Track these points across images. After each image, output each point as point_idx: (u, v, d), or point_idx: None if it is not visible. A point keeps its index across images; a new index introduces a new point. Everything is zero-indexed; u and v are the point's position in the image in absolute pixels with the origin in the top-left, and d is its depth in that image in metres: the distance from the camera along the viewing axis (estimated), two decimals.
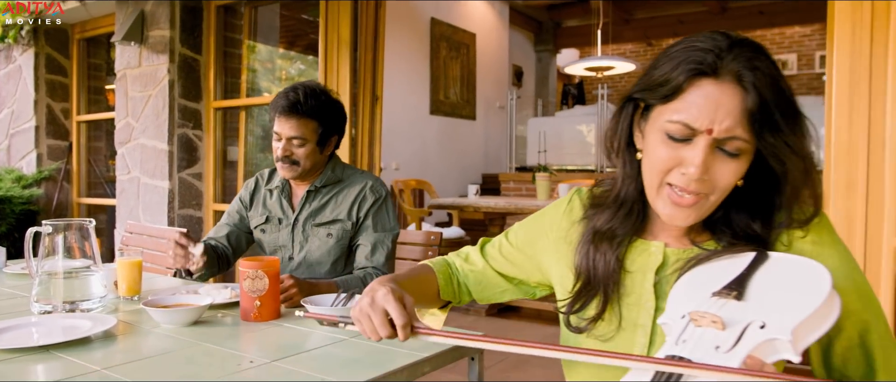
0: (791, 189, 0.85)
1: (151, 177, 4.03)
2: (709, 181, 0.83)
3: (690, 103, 0.81)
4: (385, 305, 0.88)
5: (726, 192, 0.86)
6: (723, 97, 0.80)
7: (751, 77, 0.79)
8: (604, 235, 0.94)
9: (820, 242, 0.86)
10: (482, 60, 7.84)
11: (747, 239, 0.87)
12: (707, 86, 0.81)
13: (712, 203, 0.86)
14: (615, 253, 0.93)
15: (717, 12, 8.74)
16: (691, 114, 0.81)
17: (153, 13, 3.95)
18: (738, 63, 0.80)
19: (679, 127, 0.82)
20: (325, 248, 1.89)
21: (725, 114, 0.80)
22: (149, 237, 2.65)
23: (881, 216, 1.87)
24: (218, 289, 1.69)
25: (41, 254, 1.50)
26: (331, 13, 3.26)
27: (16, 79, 4.94)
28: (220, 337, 1.33)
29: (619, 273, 0.93)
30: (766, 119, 0.79)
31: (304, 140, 1.83)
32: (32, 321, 1.39)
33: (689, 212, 0.85)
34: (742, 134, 0.80)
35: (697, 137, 0.82)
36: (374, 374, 1.11)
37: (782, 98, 0.81)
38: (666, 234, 0.94)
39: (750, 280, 0.78)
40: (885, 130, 1.85)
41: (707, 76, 0.81)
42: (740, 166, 0.83)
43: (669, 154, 0.84)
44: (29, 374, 1.09)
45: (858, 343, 0.85)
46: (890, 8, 1.83)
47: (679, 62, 0.82)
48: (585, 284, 0.95)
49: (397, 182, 5.41)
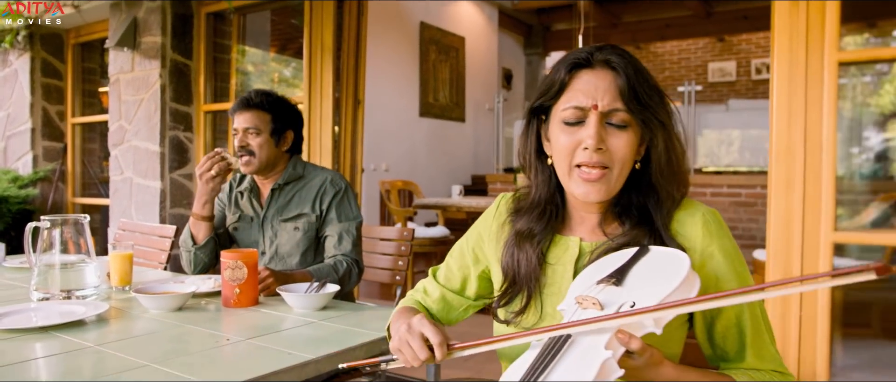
0: (659, 165, 1.00)
1: (144, 177, 4.16)
2: (607, 152, 0.98)
3: (576, 90, 0.99)
4: (421, 330, 0.96)
5: (625, 166, 0.99)
6: (599, 80, 0.98)
7: (618, 61, 0.98)
8: (524, 236, 1.07)
9: (710, 235, 0.99)
10: (472, 63, 7.98)
11: (647, 223, 1.01)
12: (585, 74, 0.99)
13: (616, 176, 0.99)
14: (536, 251, 1.05)
15: (702, 16, 8.90)
16: (578, 98, 0.98)
17: (146, 20, 4.08)
18: (605, 54, 0.99)
19: (571, 111, 0.99)
20: (293, 241, 2.03)
21: (604, 91, 0.97)
22: (141, 234, 2.78)
23: (818, 213, 2.01)
24: (202, 280, 1.84)
25: (40, 248, 1.63)
26: (314, 20, 3.40)
27: (12, 83, 5.06)
28: (203, 320, 1.47)
29: (541, 269, 1.05)
30: (634, 93, 0.97)
31: (257, 130, 2.02)
32: (32, 307, 1.53)
33: (599, 186, 0.99)
34: (621, 106, 0.97)
35: (588, 117, 0.98)
36: (337, 348, 1.26)
37: (643, 78, 0.99)
38: (581, 230, 1.07)
39: (630, 269, 0.91)
40: (821, 133, 2.00)
41: (584, 67, 1.00)
42: (630, 137, 0.98)
43: (570, 138, 0.99)
44: (29, 351, 1.23)
45: (735, 323, 0.98)
46: (824, 20, 1.99)
47: (560, 65, 1.01)
48: (512, 282, 1.08)
49: (384, 182, 5.55)
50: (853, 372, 2.09)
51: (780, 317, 2.08)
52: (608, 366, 0.76)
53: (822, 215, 2.00)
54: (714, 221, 1.01)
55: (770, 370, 0.98)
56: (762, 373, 0.97)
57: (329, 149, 3.32)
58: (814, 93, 1.99)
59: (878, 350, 2.31)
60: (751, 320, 0.98)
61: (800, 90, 2.01)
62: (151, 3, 4.02)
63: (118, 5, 4.23)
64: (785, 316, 2.07)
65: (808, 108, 2.00)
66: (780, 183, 2.06)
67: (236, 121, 2.05)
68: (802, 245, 2.03)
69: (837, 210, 1.98)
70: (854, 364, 2.12)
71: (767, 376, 0.97)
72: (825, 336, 2.01)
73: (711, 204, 5.43)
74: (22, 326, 1.36)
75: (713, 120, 6.48)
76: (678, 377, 0.88)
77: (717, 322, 0.99)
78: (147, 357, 1.17)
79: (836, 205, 1.97)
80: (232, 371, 1.11)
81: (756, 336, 0.98)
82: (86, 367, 1.13)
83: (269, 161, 2.05)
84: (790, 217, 2.04)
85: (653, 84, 1.01)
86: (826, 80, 1.96)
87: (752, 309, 0.99)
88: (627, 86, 0.97)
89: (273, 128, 2.04)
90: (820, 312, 2.02)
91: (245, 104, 2.04)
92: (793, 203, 2.04)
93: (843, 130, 2.07)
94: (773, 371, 0.98)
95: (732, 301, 0.78)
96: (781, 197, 2.06)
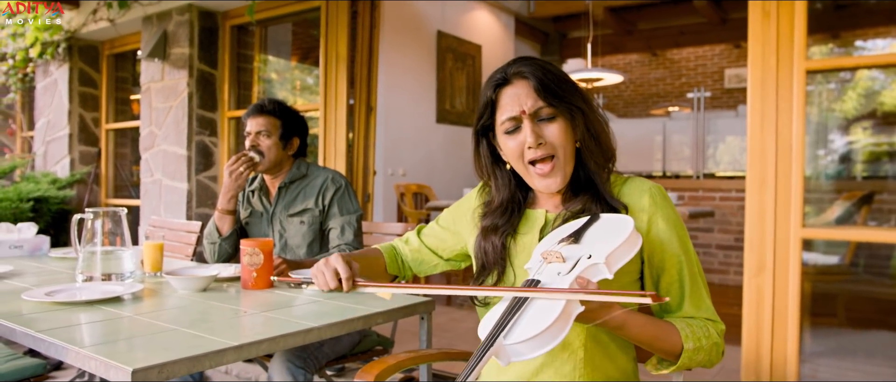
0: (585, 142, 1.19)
1: (172, 179, 4.43)
2: (547, 143, 1.17)
3: (504, 105, 1.20)
4: (335, 265, 1.18)
5: (566, 149, 1.18)
6: (518, 89, 1.18)
7: (527, 70, 1.18)
8: (490, 230, 1.27)
9: (655, 205, 1.18)
10: (488, 71, 8.15)
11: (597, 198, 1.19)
12: (507, 89, 1.20)
13: (564, 161, 1.18)
14: (501, 240, 1.24)
15: (717, 23, 8.98)
16: (507, 110, 1.19)
17: (175, 33, 4.36)
18: (516, 67, 1.19)
19: (507, 122, 1.19)
20: (300, 234, 2.26)
21: (525, 97, 1.17)
22: (169, 230, 3.02)
23: (788, 210, 2.17)
24: (224, 266, 2.06)
25: (84, 238, 1.87)
26: (329, 31, 3.63)
27: (52, 92, 5.39)
28: (224, 298, 1.69)
29: (505, 255, 1.24)
30: (549, 89, 1.16)
31: (268, 133, 2.26)
32: (77, 286, 1.76)
33: (554, 176, 1.19)
34: (542, 103, 1.16)
35: (522, 122, 1.18)
36: (338, 320, 1.46)
37: (553, 75, 1.18)
38: (547, 203, 1.27)
39: (585, 231, 1.09)
40: (791, 136, 2.16)
41: (504, 85, 1.20)
42: (560, 126, 1.17)
43: (515, 143, 1.20)
44: (76, 319, 1.45)
45: (677, 279, 1.17)
46: (794, 30, 2.15)
47: (486, 88, 1.23)
48: (482, 267, 1.27)
49: (399, 186, 5.76)
50: (820, 359, 2.23)
51: (755, 306, 2.23)
52: (573, 303, 0.92)
53: (791, 212, 2.15)
54: (659, 194, 1.20)
55: (704, 318, 1.16)
56: (697, 320, 1.15)
57: (343, 154, 3.54)
58: (784, 98, 2.15)
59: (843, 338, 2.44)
60: (689, 276, 1.17)
61: (771, 96, 2.17)
62: (180, 17, 4.30)
63: (150, 19, 4.52)
64: (759, 305, 2.23)
65: (779, 113, 2.16)
66: (754, 182, 2.22)
67: (249, 125, 2.28)
68: (775, 239, 2.18)
69: (805, 208, 2.13)
70: (821, 350, 2.27)
71: (700, 323, 1.15)
72: (795, 324, 2.16)
73: (720, 208, 5.54)
74: (69, 299, 1.58)
75: (724, 125, 6.58)
76: (627, 317, 1.05)
77: (661, 278, 1.18)
78: (175, 324, 1.39)
79: (804, 203, 2.12)
80: (248, 334, 1.32)
81: (693, 289, 1.17)
82: (123, 331, 1.34)
83: (276, 161, 2.28)
84: (763, 214, 2.20)
85: (563, 78, 1.20)
86: (795, 87, 2.12)
87: (690, 266, 1.17)
88: (541, 86, 1.16)
89: (282, 133, 2.28)
90: (791, 303, 2.17)
91: (259, 109, 2.28)
92: (766, 201, 2.19)
93: (811, 134, 2.22)
94: (706, 319, 1.16)
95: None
96: (756, 196, 2.21)
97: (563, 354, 1.17)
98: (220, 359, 1.20)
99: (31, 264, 2.29)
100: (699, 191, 5.69)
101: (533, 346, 0.89)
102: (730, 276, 5.57)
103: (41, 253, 2.54)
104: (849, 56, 2.14)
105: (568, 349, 1.16)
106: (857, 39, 4.79)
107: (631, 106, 10.50)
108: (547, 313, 0.90)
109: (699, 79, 10.40)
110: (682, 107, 9.18)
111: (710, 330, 1.14)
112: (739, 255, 5.45)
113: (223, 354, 1.21)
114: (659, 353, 1.13)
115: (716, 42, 9.75)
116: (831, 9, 3.94)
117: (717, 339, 1.14)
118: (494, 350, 0.90)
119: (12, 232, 2.54)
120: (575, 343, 1.16)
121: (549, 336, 0.89)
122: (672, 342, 1.10)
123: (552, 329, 0.88)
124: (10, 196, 4.51)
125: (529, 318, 0.92)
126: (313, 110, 3.87)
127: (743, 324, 2.25)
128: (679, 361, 1.10)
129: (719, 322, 1.18)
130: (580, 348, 1.16)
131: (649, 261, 1.18)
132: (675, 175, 7.05)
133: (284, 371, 1.85)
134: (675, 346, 1.10)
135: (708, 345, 1.12)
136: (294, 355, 1.88)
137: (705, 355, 1.12)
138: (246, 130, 2.30)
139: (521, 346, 0.89)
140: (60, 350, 1.23)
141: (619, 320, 1.03)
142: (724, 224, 5.57)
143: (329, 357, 2.02)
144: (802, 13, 2.12)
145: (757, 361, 2.21)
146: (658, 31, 9.61)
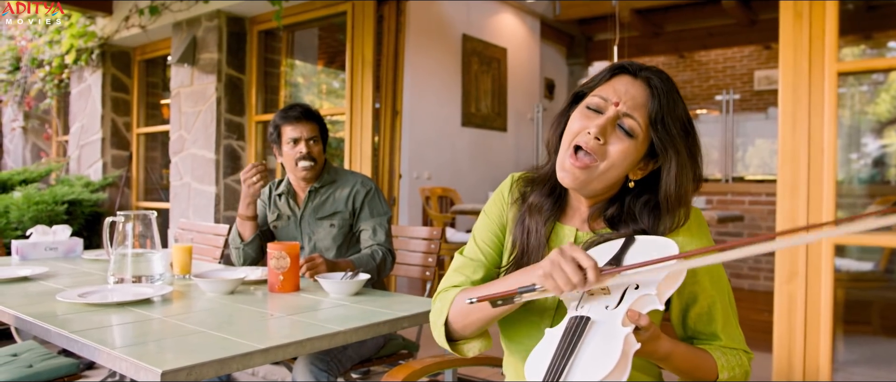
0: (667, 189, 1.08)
1: (200, 182, 4.50)
2: (603, 148, 1.06)
3: (609, 86, 1.09)
4: (573, 254, 0.94)
5: (614, 169, 1.07)
6: (633, 88, 1.08)
7: (657, 83, 1.08)
8: (535, 208, 1.18)
9: (691, 234, 1.12)
10: (513, 74, 8.14)
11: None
12: (625, 78, 1.09)
13: (600, 172, 1.07)
14: (543, 227, 1.17)
15: (746, 24, 8.83)
16: (607, 91, 1.09)
17: (204, 38, 4.43)
18: (650, 73, 1.10)
19: (597, 99, 1.09)
20: (329, 237, 2.28)
21: (631, 97, 1.07)
22: (197, 233, 3.07)
23: (820, 215, 2.12)
24: (251, 270, 2.09)
25: (115, 240, 1.90)
26: (355, 36, 3.66)
27: (86, 97, 5.52)
28: (251, 301, 1.71)
29: (545, 245, 1.16)
30: (659, 115, 1.06)
31: (317, 138, 2.28)
32: (109, 288, 1.80)
33: (578, 175, 1.07)
34: (639, 117, 1.06)
35: (607, 110, 1.07)
36: (364, 324, 1.47)
37: (673, 107, 1.07)
38: (576, 221, 1.19)
39: (624, 256, 1.02)
40: (822, 140, 2.11)
41: (627, 73, 1.10)
42: (630, 146, 1.06)
43: (582, 123, 1.08)
44: (108, 320, 1.47)
45: (707, 311, 1.13)
46: (825, 32, 2.11)
47: (609, 67, 1.13)
48: (521, 252, 1.18)
49: (424, 189, 5.77)
50: (854, 367, 2.18)
51: (786, 314, 2.19)
52: (630, 340, 0.87)
53: (823, 217, 2.11)
54: (695, 222, 1.14)
55: (741, 349, 1.15)
56: (734, 351, 1.13)
57: (369, 157, 3.56)
58: (816, 101, 2.11)
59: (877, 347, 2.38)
60: (721, 307, 1.14)
61: (803, 99, 2.13)
62: (209, 22, 4.37)
63: (180, 25, 4.60)
64: (791, 312, 2.18)
65: (811, 116, 2.12)
66: (785, 186, 2.18)
67: (297, 131, 2.24)
68: (807, 245, 2.14)
69: (838, 212, 2.08)
70: (855, 359, 2.21)
71: (734, 352, 1.13)
72: (828, 332, 2.11)
73: (749, 212, 5.45)
74: (102, 301, 1.62)
75: (753, 128, 6.47)
76: (673, 348, 1.03)
77: (691, 309, 1.14)
78: (204, 326, 1.41)
79: (836, 208, 2.07)
80: (274, 337, 1.33)
81: (726, 321, 1.14)
82: (152, 332, 1.37)
83: (322, 165, 2.31)
84: (795, 218, 2.16)
85: (682, 117, 1.09)
86: (826, 90, 2.08)
87: (722, 297, 1.14)
88: (655, 106, 1.06)
89: (323, 138, 2.32)
90: (823, 310, 2.12)
91: (306, 115, 2.27)
92: (797, 206, 2.15)
93: (843, 137, 2.17)
94: (743, 351, 1.15)
95: (716, 258, 0.91)
96: (787, 200, 2.17)
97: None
98: (247, 362, 1.21)
99: (66, 265, 2.34)
100: (728, 195, 5.60)
101: None
102: (760, 282, 5.47)
103: (75, 255, 2.60)
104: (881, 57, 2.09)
105: None
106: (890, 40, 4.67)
107: None
108: (607, 353, 0.85)
109: (728, 81, 10.24)
110: (711, 109, 9.05)
111: (742, 359, 1.14)
112: (769, 260, 5.35)
113: (250, 357, 1.22)
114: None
115: (745, 43, 9.60)
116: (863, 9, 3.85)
117: (748, 367, 1.14)
118: None
119: (47, 235, 2.61)
120: None
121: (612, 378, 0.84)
122: (709, 371, 1.09)
123: (616, 370, 0.84)
124: (45, 198, 4.62)
125: (588, 359, 0.86)
126: (339, 114, 3.90)
127: (774, 332, 2.21)
128: None
129: (750, 351, 1.17)
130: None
131: (679, 291, 1.11)
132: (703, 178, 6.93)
133: (308, 374, 1.86)
134: (711, 375, 1.09)
135: (740, 374, 1.12)
136: (318, 358, 1.90)
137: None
138: (291, 136, 2.25)
139: None
140: (93, 351, 1.25)
141: (666, 350, 1.02)
142: (753, 228, 5.47)
143: (354, 360, 2.04)
144: (834, 14, 2.08)
145: (788, 369, 2.16)
146: (686, 33, 9.47)
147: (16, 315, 1.53)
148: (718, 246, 0.91)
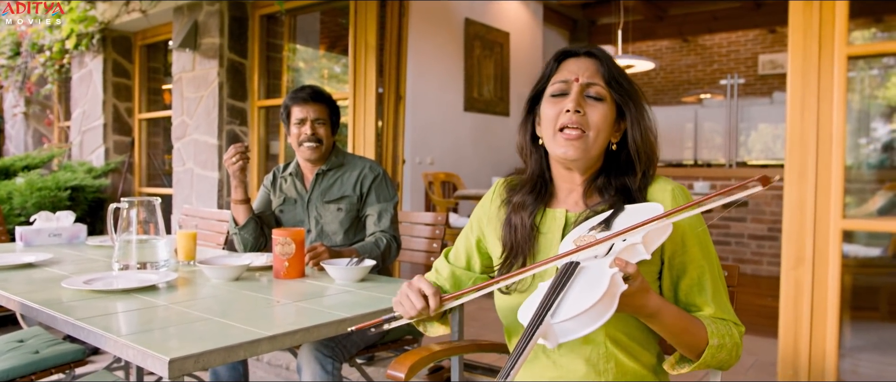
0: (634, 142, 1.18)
1: (203, 168, 4.49)
2: (584, 117, 1.17)
3: (563, 70, 1.21)
4: (419, 285, 1.15)
5: (600, 133, 1.17)
6: (583, 63, 1.20)
7: (600, 54, 1.21)
8: (519, 207, 1.25)
9: (676, 203, 1.15)
10: (516, 58, 8.10)
11: (624, 196, 1.17)
12: (570, 60, 1.22)
13: (592, 140, 1.17)
14: (530, 219, 1.23)
15: (751, 7, 8.76)
16: (563, 75, 1.20)
17: (205, 23, 4.40)
18: (589, 47, 1.22)
19: (558, 85, 1.20)
20: (336, 220, 2.27)
21: (585, 69, 1.19)
22: (201, 219, 3.07)
23: (828, 201, 2.10)
24: (256, 256, 2.08)
25: (119, 227, 1.90)
26: (359, 20, 3.63)
27: (87, 83, 5.49)
28: (257, 288, 1.70)
29: (534, 235, 1.22)
30: (611, 75, 1.18)
31: (324, 120, 2.28)
32: (113, 274, 1.79)
33: (577, 145, 1.16)
34: (599, 81, 1.18)
35: (571, 88, 1.18)
36: (370, 310, 1.46)
37: (620, 71, 1.20)
38: (567, 202, 1.24)
39: (614, 218, 1.09)
40: (831, 124, 2.09)
41: (571, 56, 1.22)
42: (605, 109, 1.17)
43: (555, 108, 1.19)
44: (113, 307, 1.47)
45: (697, 281, 1.15)
46: (835, 15, 2.08)
47: (552, 58, 1.23)
48: (510, 250, 1.24)
49: (426, 174, 5.76)
50: (861, 353, 2.17)
51: (793, 299, 2.18)
52: (617, 280, 0.90)
53: (831, 203, 2.09)
54: (682, 195, 1.18)
55: (731, 321, 1.15)
56: (725, 322, 1.14)
57: (372, 142, 3.54)
58: (825, 85, 2.09)
59: (885, 332, 2.37)
60: (711, 279, 1.15)
61: (812, 83, 2.11)
62: (211, 7, 4.33)
63: (181, 10, 4.56)
64: (798, 298, 2.17)
65: (820, 101, 2.10)
66: (793, 171, 2.16)
67: (304, 112, 2.26)
68: (814, 231, 2.12)
69: (846, 198, 2.07)
70: (862, 344, 2.21)
71: (724, 323, 1.14)
72: (835, 318, 2.10)
73: (753, 197, 5.43)
74: (107, 288, 1.61)
75: (758, 113, 6.44)
76: (662, 305, 1.04)
77: (682, 280, 1.16)
78: (209, 313, 1.40)
79: (844, 194, 2.06)
80: (281, 324, 1.33)
81: (716, 293, 1.15)
82: (158, 319, 1.36)
83: (329, 148, 2.30)
84: (803, 205, 2.14)
85: (628, 79, 1.21)
86: (836, 74, 2.06)
87: (711, 268, 1.16)
88: (606, 69, 1.19)
89: (332, 121, 2.31)
90: (830, 296, 2.11)
91: (314, 97, 2.28)
92: (805, 191, 2.13)
93: (852, 122, 2.15)
94: (733, 322, 1.15)
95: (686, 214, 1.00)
96: (794, 186, 2.16)
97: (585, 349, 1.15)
98: (254, 349, 1.21)
99: (70, 252, 2.34)
100: (732, 180, 5.58)
101: (582, 323, 0.87)
102: (763, 267, 5.47)
103: (79, 242, 2.59)
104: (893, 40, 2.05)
105: (591, 342, 1.15)
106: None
107: (662, 93, 10.33)
108: (593, 290, 0.89)
109: (732, 66, 10.17)
110: (715, 94, 9.00)
111: (732, 331, 1.13)
112: (772, 245, 5.34)
113: (257, 344, 1.21)
114: (683, 348, 1.11)
115: (750, 27, 9.51)
116: None
117: (738, 340, 1.14)
118: (543, 330, 0.88)
119: (51, 221, 2.60)
120: (597, 338, 1.15)
121: (595, 314, 0.87)
122: (699, 336, 1.09)
123: (599, 304, 0.87)
124: (48, 185, 4.61)
125: (575, 297, 0.91)
126: (342, 99, 3.88)
127: (780, 317, 2.20)
128: (701, 358, 1.09)
129: (741, 324, 1.17)
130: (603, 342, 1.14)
131: (669, 263, 1.16)
132: (706, 163, 6.92)
133: (312, 360, 1.86)
134: (701, 341, 1.09)
135: (730, 345, 1.11)
136: (322, 344, 1.90)
137: (726, 354, 1.11)
138: (298, 117, 2.27)
139: (570, 323, 0.88)
140: (99, 338, 1.25)
141: (654, 307, 1.02)
142: (757, 213, 5.46)
143: (359, 346, 2.03)
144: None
145: (795, 355, 2.16)
146: (690, 17, 9.40)
147: (21, 301, 1.52)
148: (696, 201, 1.00)
